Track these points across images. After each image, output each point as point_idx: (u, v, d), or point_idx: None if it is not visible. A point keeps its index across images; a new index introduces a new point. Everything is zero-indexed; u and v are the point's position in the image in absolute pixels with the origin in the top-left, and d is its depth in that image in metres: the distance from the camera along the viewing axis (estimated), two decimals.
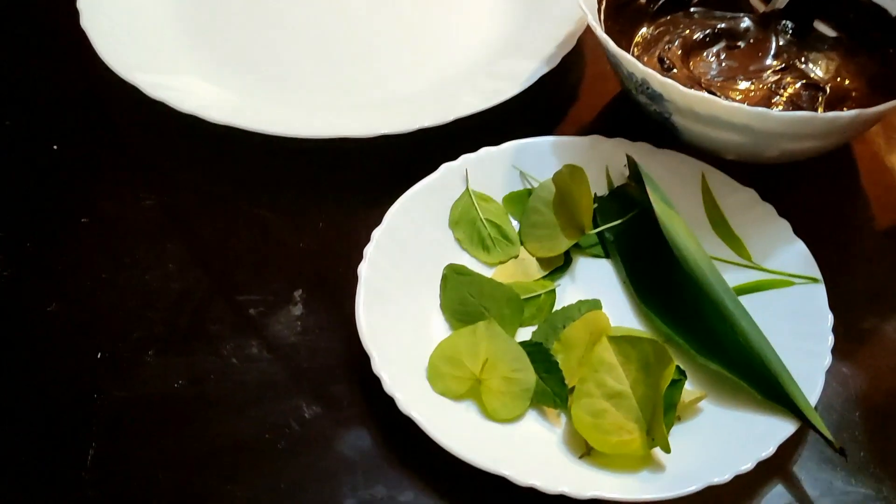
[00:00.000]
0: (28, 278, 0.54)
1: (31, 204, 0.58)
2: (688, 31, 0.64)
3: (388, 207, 0.55)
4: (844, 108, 0.60)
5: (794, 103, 0.60)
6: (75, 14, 0.63)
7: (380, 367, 0.48)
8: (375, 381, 0.47)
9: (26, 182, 0.59)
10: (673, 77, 0.61)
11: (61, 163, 0.60)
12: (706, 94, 0.53)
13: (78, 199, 0.58)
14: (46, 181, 0.59)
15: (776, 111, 0.52)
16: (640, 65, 0.54)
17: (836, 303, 0.51)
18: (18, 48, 0.66)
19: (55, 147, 0.60)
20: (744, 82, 0.62)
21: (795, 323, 0.51)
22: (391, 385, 0.47)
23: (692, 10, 0.66)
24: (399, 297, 0.52)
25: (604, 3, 0.62)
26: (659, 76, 0.53)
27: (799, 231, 0.54)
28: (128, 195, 0.58)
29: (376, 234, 0.53)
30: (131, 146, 0.62)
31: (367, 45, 0.66)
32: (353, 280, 0.51)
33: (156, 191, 0.59)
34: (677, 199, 0.55)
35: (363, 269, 0.52)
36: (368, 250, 0.53)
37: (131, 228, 0.57)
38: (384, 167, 0.59)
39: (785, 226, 0.54)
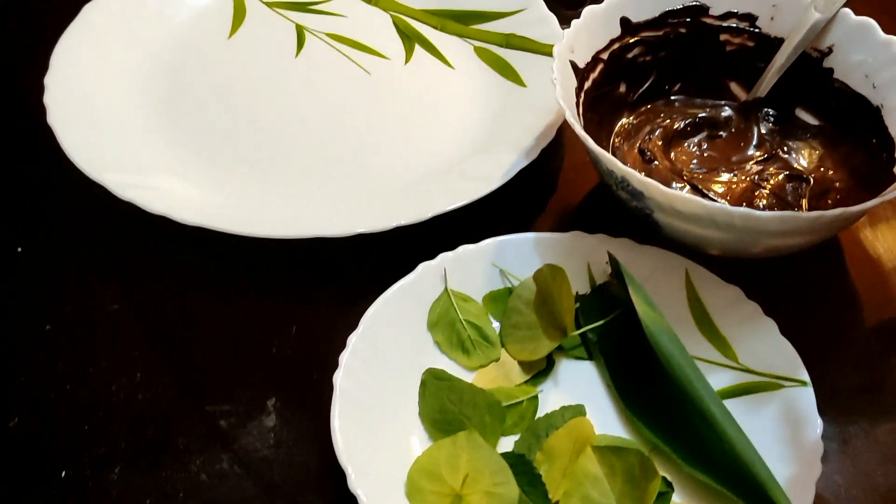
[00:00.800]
0: None
1: None
2: (668, 121, 0.64)
3: (365, 309, 0.54)
4: (829, 201, 0.60)
5: (777, 196, 0.60)
6: (42, 111, 0.63)
7: (356, 484, 0.46)
8: (353, 499, 0.45)
9: None
10: (655, 169, 0.62)
11: (25, 266, 0.59)
12: (687, 195, 0.52)
13: (42, 304, 0.57)
14: (9, 286, 0.58)
15: (758, 212, 0.51)
16: (619, 163, 0.53)
17: (826, 405, 0.50)
18: None
19: (19, 249, 0.60)
20: (726, 174, 0.62)
21: (784, 429, 0.50)
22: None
23: (673, 98, 0.66)
24: (377, 407, 0.51)
25: (583, 95, 0.62)
26: (639, 175, 0.53)
27: (786, 329, 0.53)
28: (93, 300, 0.58)
29: (352, 339, 0.52)
30: (98, 248, 0.61)
31: (343, 143, 0.66)
32: (328, 388, 0.50)
33: (122, 295, 0.58)
34: (661, 297, 0.55)
35: (338, 379, 0.51)
36: (344, 357, 0.52)
37: (96, 335, 0.56)
38: (361, 267, 0.59)
39: (771, 325, 0.54)
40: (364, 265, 0.59)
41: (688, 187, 0.61)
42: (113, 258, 0.60)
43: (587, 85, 0.62)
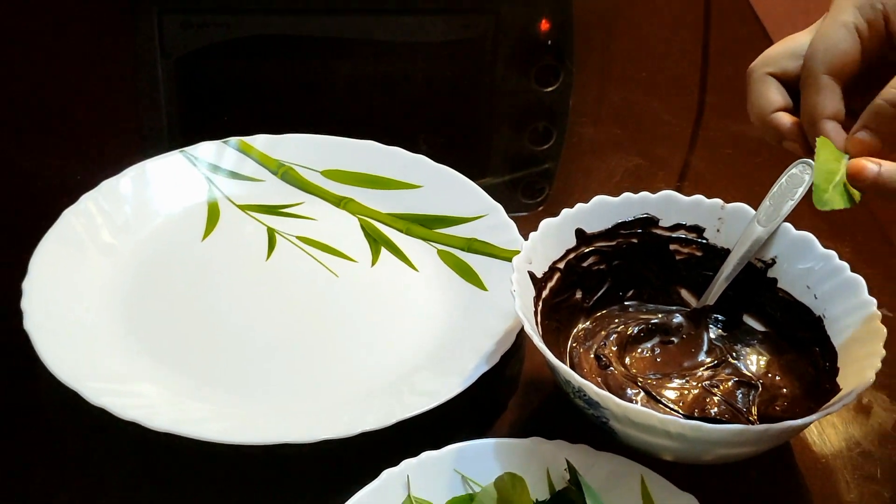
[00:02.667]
0: None
1: None
2: (623, 326, 0.67)
3: None
4: (777, 407, 0.62)
5: (728, 402, 0.62)
6: (19, 314, 0.64)
7: None
8: None
9: None
10: (610, 375, 0.64)
11: None
12: (641, 408, 0.55)
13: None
14: None
15: (708, 425, 0.54)
16: (576, 375, 0.56)
17: None
18: None
19: None
20: (678, 379, 0.64)
21: None
22: None
23: (627, 304, 0.68)
24: None
25: (541, 303, 0.64)
26: (594, 387, 0.55)
27: None
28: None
29: None
30: (63, 453, 0.61)
31: (310, 347, 0.67)
32: None
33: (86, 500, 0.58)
34: None
35: None
36: None
37: None
38: (325, 473, 0.59)
39: None
40: (329, 472, 0.59)
41: (642, 393, 0.62)
42: (80, 469, 0.60)
43: (545, 293, 0.65)
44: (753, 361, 0.65)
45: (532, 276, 0.64)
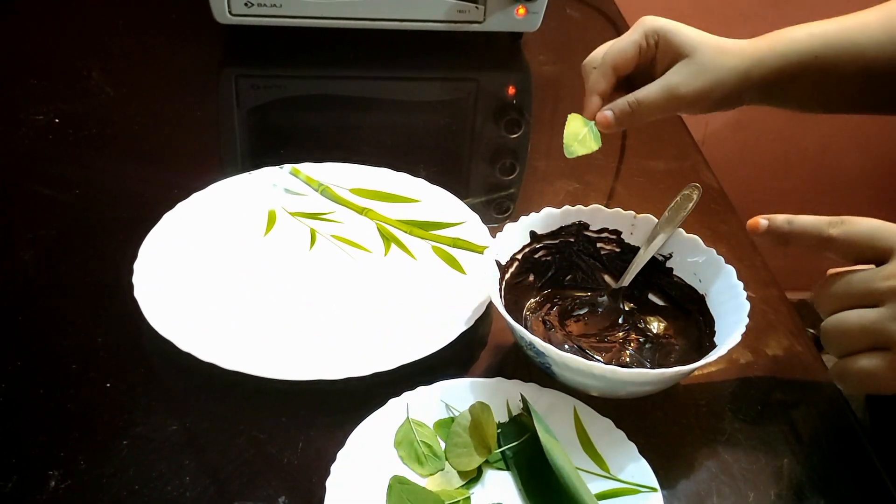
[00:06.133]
0: (79, 489, 0.53)
1: (85, 429, 0.57)
2: (562, 302, 0.67)
3: (351, 431, 0.55)
4: (671, 359, 0.62)
5: (636, 354, 0.62)
6: (131, 287, 0.64)
7: None
8: None
9: (82, 411, 0.58)
10: (553, 335, 0.64)
11: (108, 397, 0.59)
12: (574, 356, 0.55)
13: (121, 425, 0.57)
14: (96, 412, 0.58)
15: (621, 369, 0.54)
16: (528, 333, 0.56)
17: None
18: (77, 309, 0.66)
19: (108, 385, 0.60)
20: (601, 339, 0.64)
21: None
22: None
23: (566, 285, 0.68)
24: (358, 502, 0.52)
25: (504, 283, 0.65)
26: (541, 342, 0.55)
27: (642, 449, 0.55)
28: (158, 422, 0.57)
29: (340, 454, 0.53)
30: (162, 384, 0.61)
31: (339, 311, 0.67)
32: (323, 489, 0.51)
33: (179, 418, 0.58)
34: (556, 426, 0.56)
35: (329, 483, 0.52)
36: (334, 466, 0.53)
37: (159, 448, 0.56)
38: (347, 401, 0.59)
39: (632, 447, 0.55)
40: (351, 400, 0.59)
41: (576, 347, 0.63)
42: (173, 392, 0.61)
43: (507, 276, 0.65)
44: (655, 326, 0.65)
45: (498, 264, 0.65)
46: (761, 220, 0.55)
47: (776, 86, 0.61)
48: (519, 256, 0.66)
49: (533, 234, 0.67)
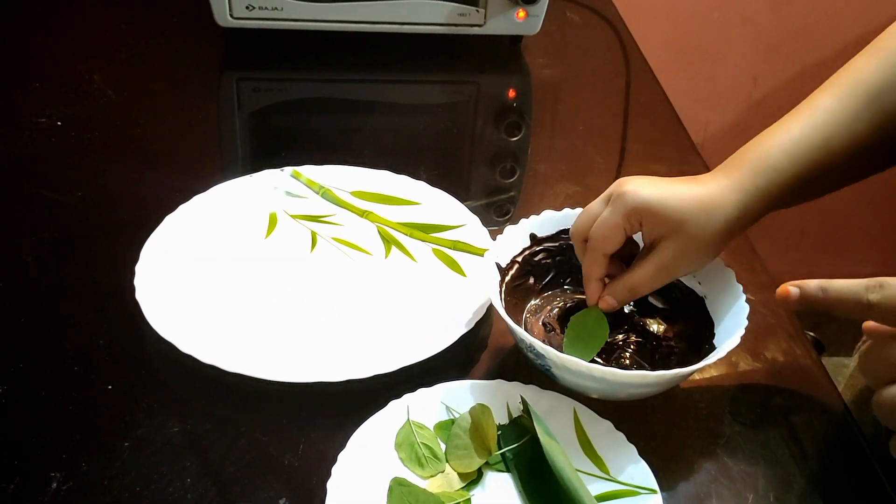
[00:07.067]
0: (81, 491, 0.53)
1: (87, 431, 0.57)
2: (563, 303, 0.67)
3: (352, 433, 0.55)
4: (672, 361, 0.62)
5: (636, 356, 0.62)
6: (132, 288, 0.64)
7: None
8: None
9: (83, 412, 0.58)
10: (553, 337, 0.64)
11: (109, 399, 0.59)
12: (574, 358, 0.55)
13: (122, 427, 0.57)
14: (98, 414, 0.58)
15: (621, 371, 0.54)
16: (528, 335, 0.56)
17: None
18: (79, 311, 0.66)
19: (109, 387, 0.60)
20: None
21: None
22: None
23: (565, 287, 0.68)
24: None
25: (504, 285, 0.65)
26: (541, 344, 0.55)
27: (642, 451, 0.55)
28: (159, 424, 0.57)
29: (341, 456, 0.53)
30: (164, 386, 0.61)
31: (339, 313, 0.67)
32: (324, 491, 0.51)
33: (180, 420, 0.58)
34: (556, 429, 0.56)
35: (330, 484, 0.52)
36: (334, 468, 0.53)
37: (160, 450, 0.56)
38: (348, 402, 0.59)
39: (632, 449, 0.55)
40: (352, 402, 0.59)
41: (573, 357, 0.62)
42: (175, 395, 0.61)
43: (507, 279, 0.65)
44: (655, 329, 0.65)
45: (498, 266, 0.65)
46: (791, 289, 0.53)
47: (772, 209, 0.59)
48: (519, 259, 0.66)
49: (533, 237, 0.67)
